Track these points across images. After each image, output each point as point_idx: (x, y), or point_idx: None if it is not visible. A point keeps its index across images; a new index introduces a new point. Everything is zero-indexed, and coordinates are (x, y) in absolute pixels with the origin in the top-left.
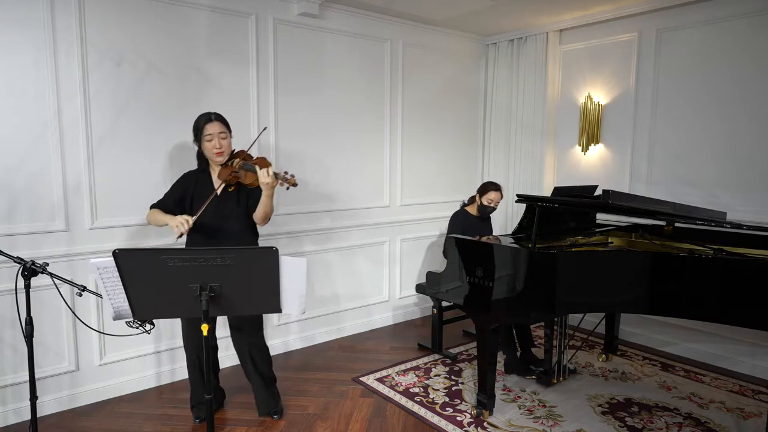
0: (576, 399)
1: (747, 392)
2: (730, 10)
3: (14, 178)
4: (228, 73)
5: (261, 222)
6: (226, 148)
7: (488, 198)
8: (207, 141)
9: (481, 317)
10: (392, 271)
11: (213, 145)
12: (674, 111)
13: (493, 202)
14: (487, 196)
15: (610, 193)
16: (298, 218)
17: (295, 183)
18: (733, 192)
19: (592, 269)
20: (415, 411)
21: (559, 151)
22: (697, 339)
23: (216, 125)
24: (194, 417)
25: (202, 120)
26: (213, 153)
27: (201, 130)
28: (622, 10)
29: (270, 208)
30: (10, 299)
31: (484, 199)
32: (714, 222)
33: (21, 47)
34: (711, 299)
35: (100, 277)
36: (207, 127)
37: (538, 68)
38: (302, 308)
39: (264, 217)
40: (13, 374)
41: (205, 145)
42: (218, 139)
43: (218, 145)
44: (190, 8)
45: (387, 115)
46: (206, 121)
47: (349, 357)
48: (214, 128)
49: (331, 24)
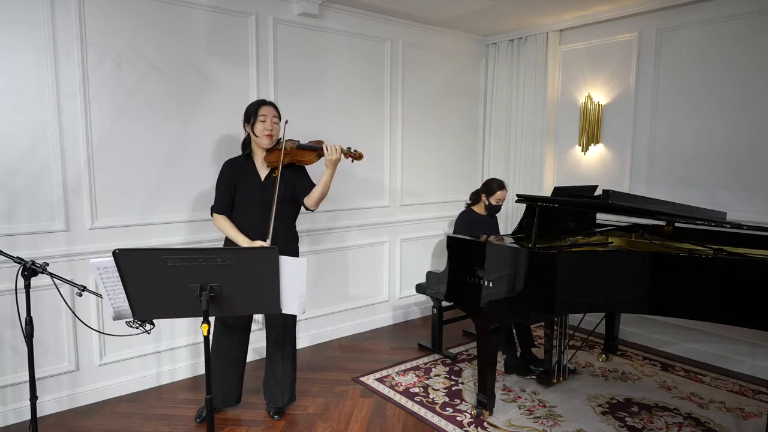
0: (576, 399)
1: (747, 392)
2: (730, 11)
3: (14, 178)
4: (228, 73)
5: (315, 204)
6: (276, 132)
7: (497, 198)
8: (260, 122)
9: (481, 317)
10: (392, 271)
11: (265, 126)
12: (674, 111)
13: (502, 200)
14: (495, 196)
15: (610, 193)
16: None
17: (361, 155)
18: (733, 192)
19: (592, 269)
20: (415, 411)
21: (559, 151)
22: (697, 339)
23: (271, 108)
24: (195, 416)
25: (258, 102)
26: (264, 134)
27: (256, 111)
28: (622, 10)
29: (329, 187)
30: (10, 299)
31: (492, 199)
32: (714, 222)
33: (21, 47)
34: (711, 299)
35: (100, 277)
36: (263, 108)
37: (538, 68)
38: (302, 308)
39: (320, 197)
40: (13, 374)
41: (256, 126)
42: (271, 121)
43: (270, 126)
44: (190, 8)
45: (387, 115)
46: (262, 104)
47: (349, 357)
48: (269, 110)
49: (331, 24)
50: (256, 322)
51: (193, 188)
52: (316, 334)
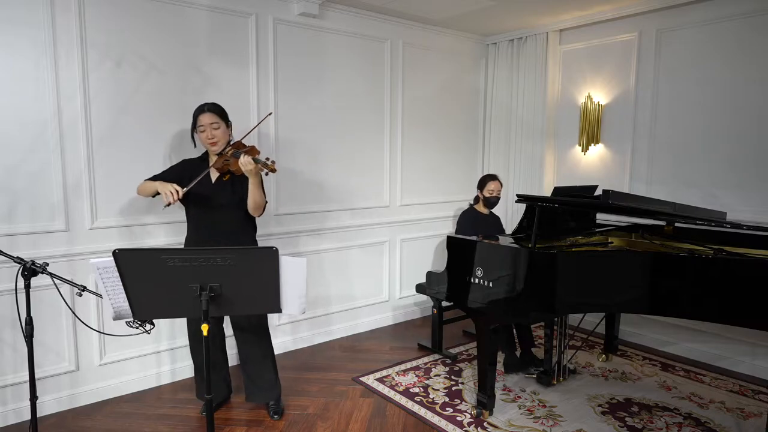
0: (576, 399)
1: (747, 392)
2: (730, 10)
3: (14, 178)
4: (228, 73)
5: (253, 212)
6: (219, 137)
7: (489, 189)
8: (200, 132)
9: (481, 317)
10: (392, 271)
11: (206, 135)
12: (674, 111)
13: (495, 191)
14: (487, 188)
15: (610, 193)
16: (298, 218)
17: (275, 169)
18: (733, 192)
19: (593, 269)
20: (415, 411)
21: (559, 151)
22: (697, 339)
23: (208, 116)
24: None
25: (197, 111)
26: (207, 143)
27: (195, 121)
28: (622, 10)
29: (258, 196)
30: (10, 299)
31: (485, 191)
32: (714, 222)
33: (21, 47)
34: (711, 299)
35: (100, 277)
36: (200, 118)
37: (538, 68)
38: (302, 308)
39: (254, 206)
40: (13, 374)
41: (199, 136)
42: (210, 130)
43: (210, 135)
44: (190, 8)
45: (387, 115)
46: (199, 113)
47: (349, 357)
48: (205, 119)
49: (331, 24)
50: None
51: None
52: (316, 334)
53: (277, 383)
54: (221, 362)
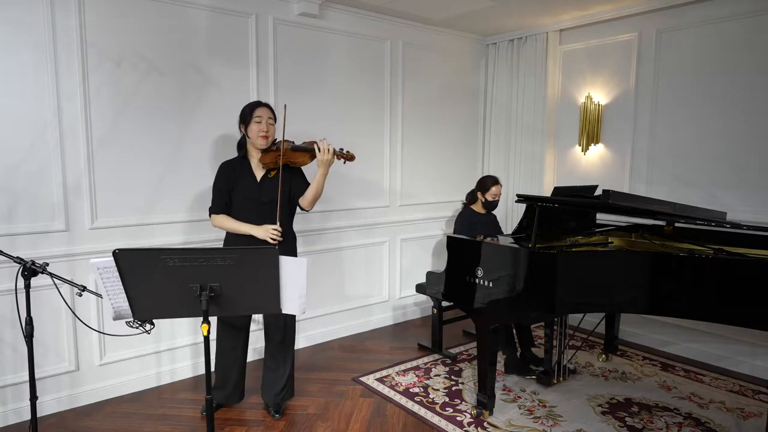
0: (576, 399)
1: (747, 392)
2: (730, 11)
3: (14, 178)
4: (228, 73)
5: (309, 204)
6: (271, 133)
7: (492, 193)
8: (256, 123)
9: (481, 317)
10: (392, 271)
11: (260, 128)
12: (674, 111)
13: (497, 195)
14: (490, 192)
15: (610, 193)
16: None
17: (353, 157)
18: (733, 192)
19: (592, 269)
20: (415, 411)
21: (559, 151)
22: (697, 339)
23: (266, 110)
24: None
25: (253, 104)
26: (259, 136)
27: (251, 113)
28: (622, 11)
29: (322, 187)
30: (10, 299)
31: (488, 195)
32: (714, 222)
33: (21, 47)
34: (711, 299)
35: (100, 277)
36: (258, 109)
37: (538, 68)
38: (302, 308)
39: (314, 197)
40: (13, 374)
41: (251, 128)
42: (266, 123)
43: (265, 128)
44: (190, 8)
45: (387, 114)
46: (258, 105)
47: (349, 357)
48: (264, 112)
49: (331, 24)
50: (255, 322)
51: (193, 188)
52: (316, 334)
53: (292, 387)
54: (241, 368)
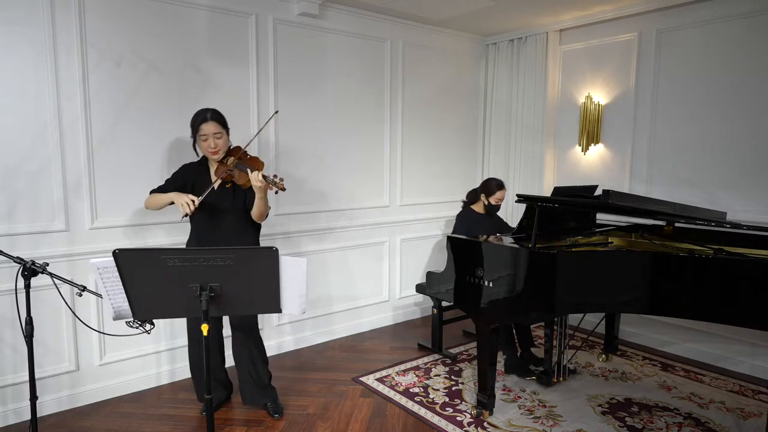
0: (576, 399)
1: (747, 392)
2: (730, 11)
3: (14, 178)
4: (228, 73)
5: (257, 220)
6: (221, 147)
7: (497, 198)
8: (202, 141)
9: (481, 317)
10: (392, 271)
11: (208, 144)
12: (674, 111)
13: (501, 200)
14: (494, 196)
15: (610, 193)
16: (298, 218)
17: (284, 188)
18: (733, 192)
19: (592, 269)
20: (415, 411)
21: (559, 151)
22: (697, 339)
23: (211, 125)
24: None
25: (199, 119)
26: (208, 152)
27: (197, 130)
28: (622, 10)
29: (263, 208)
30: (10, 299)
31: (492, 199)
32: (714, 222)
33: (21, 47)
34: (711, 299)
35: (100, 277)
36: (202, 127)
37: (538, 68)
38: (302, 308)
39: (259, 216)
40: (13, 374)
41: (200, 144)
42: (213, 140)
43: (213, 145)
44: (190, 8)
45: (387, 114)
46: (202, 121)
47: (349, 357)
48: (209, 128)
49: (331, 24)
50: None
51: None
52: (316, 334)
53: (270, 384)
54: (219, 364)
